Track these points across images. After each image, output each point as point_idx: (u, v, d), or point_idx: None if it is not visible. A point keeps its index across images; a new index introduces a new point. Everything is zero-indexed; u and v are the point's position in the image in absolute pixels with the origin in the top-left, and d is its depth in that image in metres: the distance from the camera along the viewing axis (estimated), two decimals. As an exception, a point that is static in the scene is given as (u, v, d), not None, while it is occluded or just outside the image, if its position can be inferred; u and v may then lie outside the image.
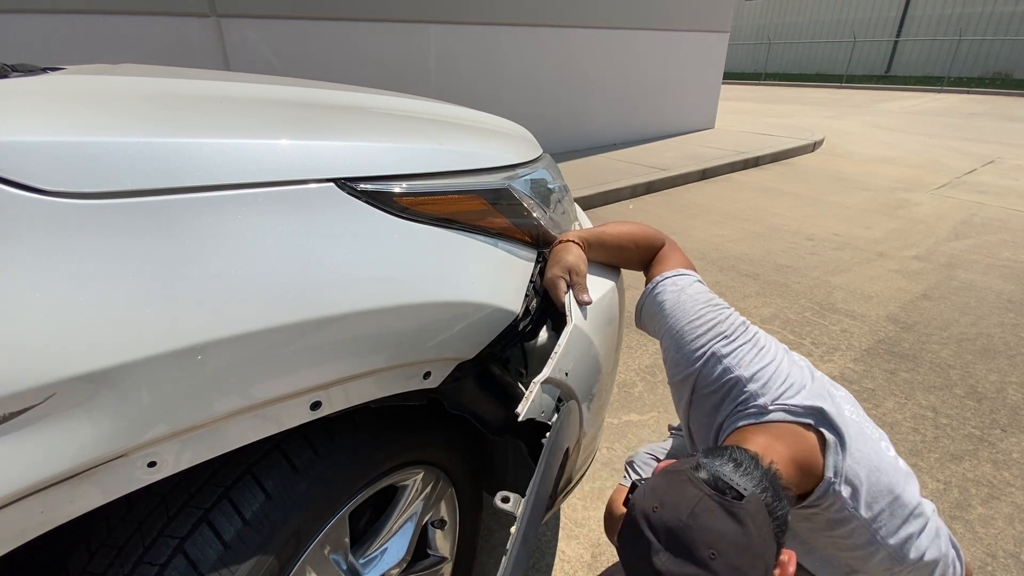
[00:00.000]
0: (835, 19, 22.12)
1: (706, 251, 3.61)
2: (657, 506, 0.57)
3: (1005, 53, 18.02)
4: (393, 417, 0.83)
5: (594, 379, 0.96)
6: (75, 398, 0.46)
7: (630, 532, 0.59)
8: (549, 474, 0.78)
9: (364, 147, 0.69)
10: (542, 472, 0.75)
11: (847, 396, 0.84)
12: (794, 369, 0.82)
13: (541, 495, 0.76)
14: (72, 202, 0.48)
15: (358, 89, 1.09)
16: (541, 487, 0.75)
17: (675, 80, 7.45)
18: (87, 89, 0.73)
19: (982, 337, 2.50)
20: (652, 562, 0.55)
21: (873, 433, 0.78)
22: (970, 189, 5.07)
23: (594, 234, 0.98)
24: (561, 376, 0.82)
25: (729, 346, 0.83)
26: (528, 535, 0.73)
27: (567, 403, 0.86)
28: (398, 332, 0.67)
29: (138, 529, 0.64)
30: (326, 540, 0.77)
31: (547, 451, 0.77)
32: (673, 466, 0.64)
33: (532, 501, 0.73)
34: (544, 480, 0.77)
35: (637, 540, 0.57)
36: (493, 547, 1.43)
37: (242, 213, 0.56)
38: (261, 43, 4.25)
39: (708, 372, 0.83)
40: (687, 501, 0.57)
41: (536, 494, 0.74)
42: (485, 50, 5.53)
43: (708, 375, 0.83)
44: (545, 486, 0.78)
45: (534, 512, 0.74)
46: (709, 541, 0.54)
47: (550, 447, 0.78)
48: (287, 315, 0.56)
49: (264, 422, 0.60)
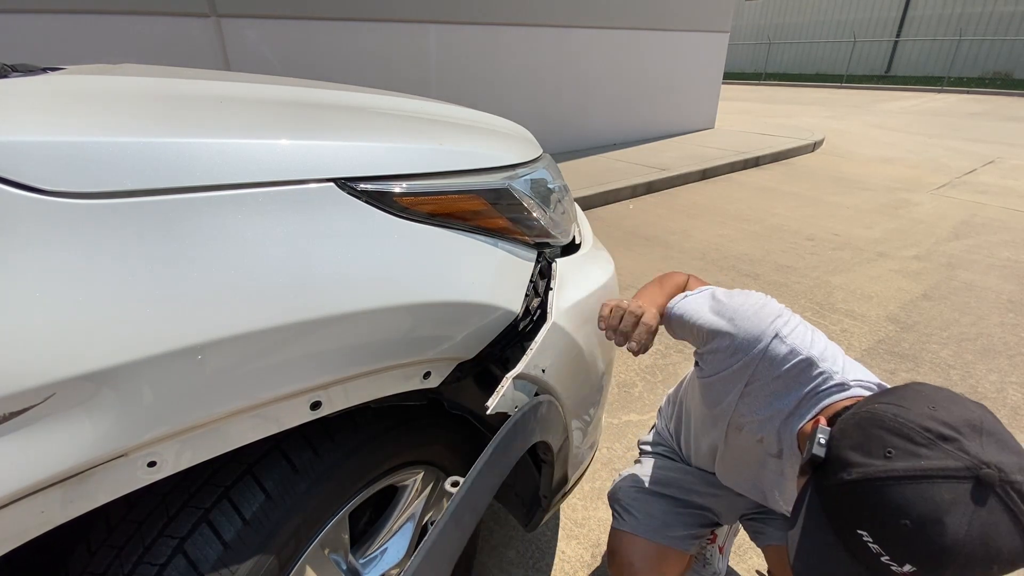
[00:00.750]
0: (835, 19, 22.11)
1: (706, 251, 3.61)
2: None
3: (1005, 53, 18.01)
4: (393, 417, 0.83)
5: (581, 377, 0.96)
6: (75, 398, 0.46)
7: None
8: (498, 462, 0.78)
9: (364, 147, 0.69)
10: (486, 459, 0.74)
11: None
12: (833, 346, 0.83)
13: (485, 482, 0.76)
14: (72, 202, 0.48)
15: (358, 89, 1.09)
16: (486, 474, 0.75)
17: (675, 80, 7.45)
18: (87, 89, 0.73)
19: (982, 337, 2.50)
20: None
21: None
22: (970, 189, 5.07)
23: (657, 304, 0.97)
24: (536, 372, 0.81)
25: (788, 326, 0.81)
26: (462, 516, 0.73)
27: (538, 398, 0.85)
28: (398, 332, 0.67)
29: (138, 529, 0.64)
30: (326, 540, 0.77)
31: (498, 439, 0.76)
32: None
33: (470, 484, 0.73)
34: (491, 467, 0.76)
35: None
36: (493, 547, 1.43)
37: (242, 213, 0.56)
38: (261, 43, 4.25)
39: (773, 355, 0.80)
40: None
41: (477, 479, 0.73)
42: (485, 50, 5.53)
43: (773, 358, 0.80)
44: (492, 475, 0.77)
45: (473, 496, 0.74)
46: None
47: (501, 436, 0.77)
48: (287, 315, 0.56)
49: (264, 422, 0.60)
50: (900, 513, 0.53)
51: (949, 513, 0.52)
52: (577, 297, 0.91)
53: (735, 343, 0.83)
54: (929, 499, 0.53)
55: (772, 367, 0.81)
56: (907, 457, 0.56)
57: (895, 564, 0.54)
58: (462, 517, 0.73)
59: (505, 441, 0.78)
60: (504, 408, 0.78)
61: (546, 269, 0.90)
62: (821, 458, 0.63)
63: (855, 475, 0.58)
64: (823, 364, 0.78)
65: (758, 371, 0.82)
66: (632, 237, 3.92)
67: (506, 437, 0.77)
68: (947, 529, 0.51)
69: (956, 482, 0.53)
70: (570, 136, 6.56)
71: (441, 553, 0.72)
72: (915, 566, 0.53)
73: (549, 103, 6.22)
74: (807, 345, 0.80)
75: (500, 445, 0.77)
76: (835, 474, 0.60)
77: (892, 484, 0.55)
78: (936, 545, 0.51)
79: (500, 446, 0.77)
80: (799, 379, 0.79)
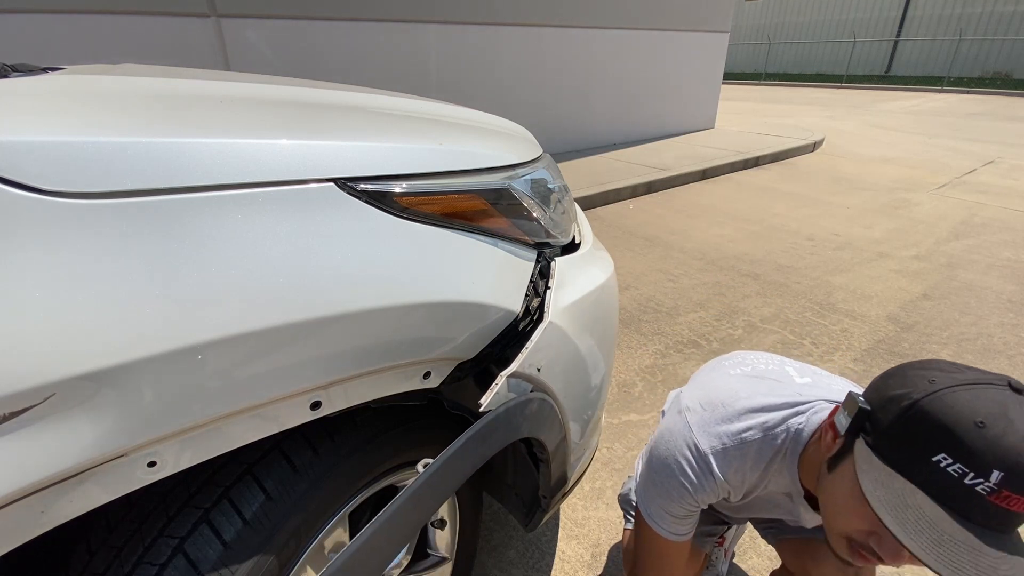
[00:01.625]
0: (835, 19, 22.11)
1: (706, 251, 3.61)
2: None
3: (1005, 53, 18.01)
4: (393, 417, 0.83)
5: (578, 376, 0.96)
6: (75, 398, 0.46)
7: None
8: (473, 450, 0.77)
9: (364, 147, 0.69)
10: (460, 444, 0.74)
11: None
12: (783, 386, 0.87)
13: (454, 467, 0.75)
14: (72, 202, 0.48)
15: (358, 89, 1.09)
16: (457, 458, 0.74)
17: (675, 80, 7.45)
18: (87, 89, 0.73)
19: (982, 337, 2.50)
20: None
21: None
22: (970, 189, 5.07)
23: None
24: (532, 371, 0.81)
25: (722, 449, 0.85)
26: (423, 498, 0.72)
27: (528, 394, 0.85)
28: (398, 332, 0.67)
29: (138, 529, 0.64)
30: (326, 540, 0.77)
31: (476, 427, 0.76)
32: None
33: (438, 466, 0.72)
34: (464, 453, 0.75)
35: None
36: (493, 547, 1.43)
37: (242, 213, 0.56)
38: (261, 43, 4.25)
39: (733, 476, 0.85)
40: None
41: (447, 462, 0.73)
42: (485, 50, 5.53)
43: (736, 475, 0.85)
44: (463, 461, 0.76)
45: (439, 479, 0.73)
46: None
47: (480, 425, 0.77)
48: (287, 315, 0.56)
49: (264, 422, 0.60)
50: (971, 413, 0.56)
51: (1009, 408, 0.55)
52: (576, 297, 0.91)
53: (696, 499, 0.88)
54: (988, 399, 0.56)
55: (742, 479, 0.85)
56: (949, 377, 0.60)
57: (981, 478, 0.54)
58: (422, 498, 0.72)
59: (484, 431, 0.77)
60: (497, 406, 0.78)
61: (546, 269, 0.90)
62: (868, 409, 0.65)
63: (914, 397, 0.60)
64: (777, 426, 0.81)
65: (736, 491, 0.87)
66: (632, 237, 3.92)
67: (486, 427, 0.77)
68: (1016, 423, 0.54)
69: (998, 388, 0.57)
70: (570, 136, 6.56)
71: (390, 533, 0.70)
72: (1002, 469, 0.53)
73: (549, 103, 6.22)
74: (746, 438, 0.83)
75: (477, 434, 0.76)
76: (889, 411, 0.62)
77: (950, 392, 0.58)
78: (1013, 437, 0.53)
79: (477, 435, 0.76)
80: (771, 452, 0.82)
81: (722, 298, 2.93)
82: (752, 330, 2.58)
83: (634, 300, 2.92)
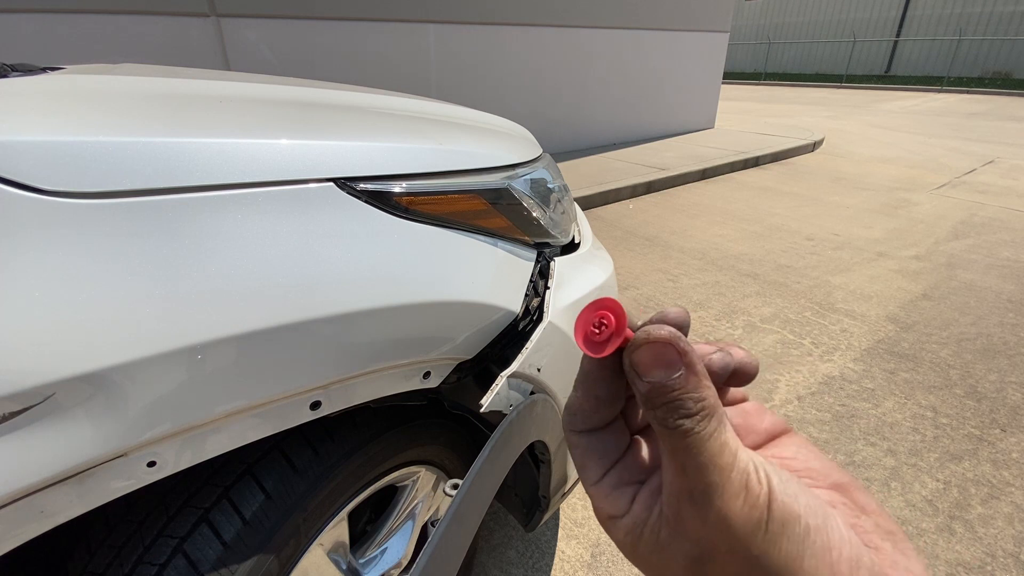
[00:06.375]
0: (835, 19, 22.11)
1: (706, 251, 3.61)
2: None
3: (1005, 53, 18.02)
4: (393, 417, 0.83)
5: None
6: (75, 398, 0.46)
7: None
8: (497, 460, 0.78)
9: (364, 147, 0.69)
10: (485, 457, 0.75)
11: None
12: None
13: (485, 483, 0.76)
14: (72, 202, 0.48)
15: (358, 89, 1.09)
16: (486, 472, 0.76)
17: (675, 80, 7.45)
18: (87, 89, 0.73)
19: (982, 337, 2.50)
20: None
21: None
22: (970, 189, 5.07)
23: None
24: (532, 371, 0.82)
25: None
26: (465, 515, 0.73)
27: (532, 397, 0.85)
28: (398, 332, 0.67)
29: (138, 529, 0.64)
30: (326, 540, 0.77)
31: (495, 437, 0.77)
32: None
33: (471, 483, 0.73)
34: (490, 468, 0.76)
35: None
36: (494, 547, 1.43)
37: (242, 213, 0.56)
38: (261, 43, 4.25)
39: None
40: None
41: (477, 477, 0.74)
42: (485, 50, 5.53)
43: None
44: (492, 473, 0.77)
45: (475, 494, 0.75)
46: None
47: (499, 434, 0.77)
48: (287, 315, 0.56)
49: (264, 422, 0.60)
50: None
51: None
52: (575, 296, 0.91)
53: None
54: None
55: None
56: None
57: None
58: (464, 516, 0.74)
59: (503, 439, 0.78)
60: (498, 406, 0.78)
61: (546, 269, 0.90)
62: None
63: None
64: None
65: None
66: (632, 237, 3.92)
67: (504, 435, 0.77)
68: None
69: None
70: (570, 136, 6.56)
71: (446, 553, 0.72)
72: None
73: (549, 103, 6.22)
74: None
75: (498, 443, 0.77)
76: None
77: None
78: None
79: (498, 444, 0.77)
80: None
81: (722, 298, 2.93)
82: (752, 330, 2.58)
83: (634, 300, 2.92)
